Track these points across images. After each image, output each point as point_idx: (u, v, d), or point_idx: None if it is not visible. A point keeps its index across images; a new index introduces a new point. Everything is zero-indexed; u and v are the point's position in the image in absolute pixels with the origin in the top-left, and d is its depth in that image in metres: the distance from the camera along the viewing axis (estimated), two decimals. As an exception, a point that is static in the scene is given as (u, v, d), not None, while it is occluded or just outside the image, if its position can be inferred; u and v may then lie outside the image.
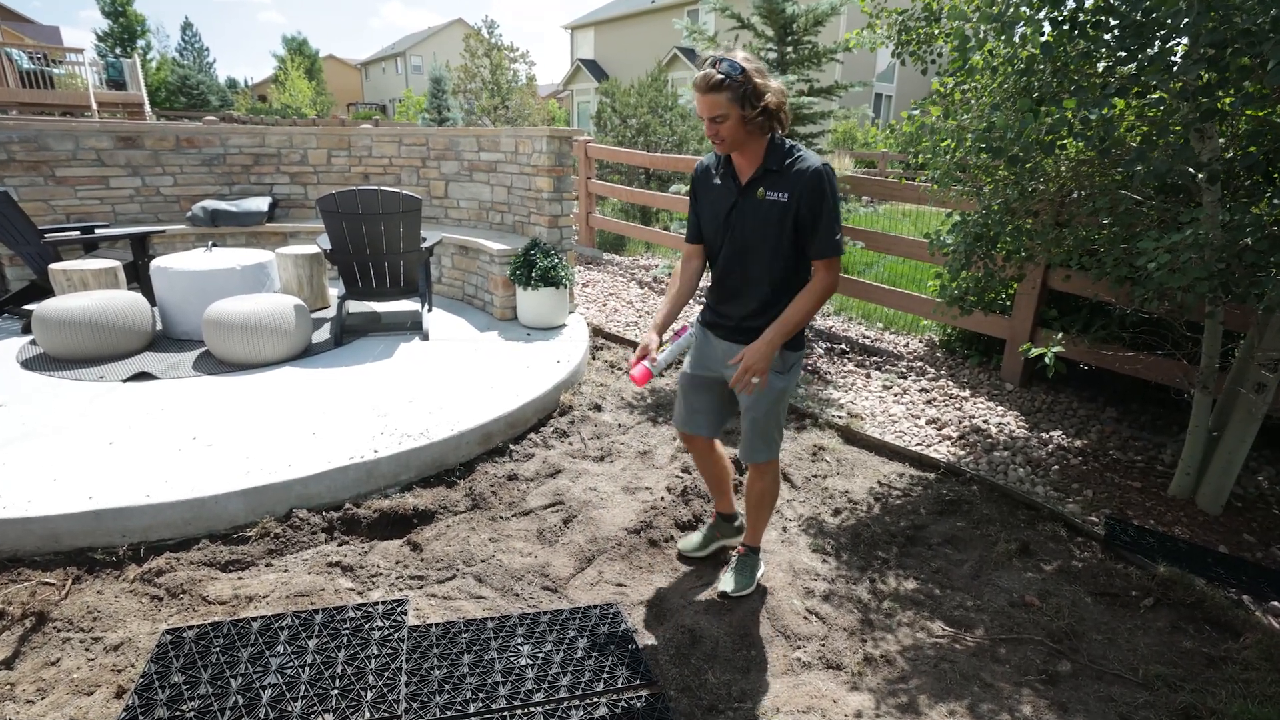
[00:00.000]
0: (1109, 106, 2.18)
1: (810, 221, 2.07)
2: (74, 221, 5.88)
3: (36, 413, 3.38)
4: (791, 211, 2.08)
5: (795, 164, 2.08)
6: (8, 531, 2.50)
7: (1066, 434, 3.75)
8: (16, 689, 1.99)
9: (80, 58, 19.04)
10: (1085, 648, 2.28)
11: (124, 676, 2.06)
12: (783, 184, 2.08)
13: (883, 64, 26.57)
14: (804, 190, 2.05)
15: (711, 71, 1.95)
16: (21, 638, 2.17)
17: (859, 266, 7.60)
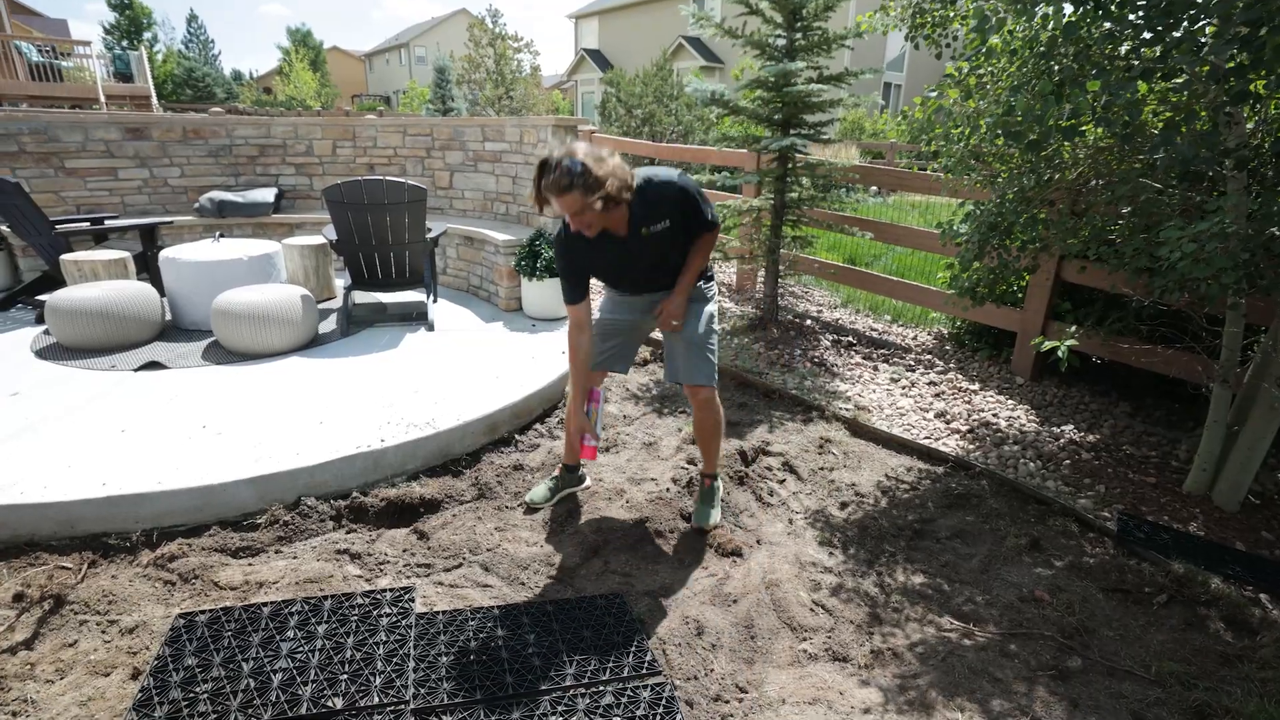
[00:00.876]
0: (1133, 90, 2.13)
1: (690, 219, 2.48)
2: (84, 213, 5.91)
3: (51, 401, 3.40)
4: (677, 226, 2.46)
5: (658, 196, 2.39)
6: (25, 516, 2.53)
7: (1078, 429, 3.72)
8: (36, 669, 2.02)
9: (88, 50, 19.06)
10: (1097, 644, 2.25)
11: (139, 659, 2.08)
12: (657, 216, 2.41)
13: (892, 52, 26.37)
14: (676, 209, 2.42)
15: (558, 176, 2.17)
16: (40, 619, 2.20)
17: (866, 258, 7.56)
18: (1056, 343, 2.91)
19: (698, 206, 2.46)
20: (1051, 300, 4.11)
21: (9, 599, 2.26)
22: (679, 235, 2.50)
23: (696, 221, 2.49)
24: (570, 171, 2.15)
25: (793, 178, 5.12)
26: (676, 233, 2.48)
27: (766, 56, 4.96)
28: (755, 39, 4.90)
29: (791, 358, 4.76)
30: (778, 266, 5.33)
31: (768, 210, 5.21)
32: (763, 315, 5.44)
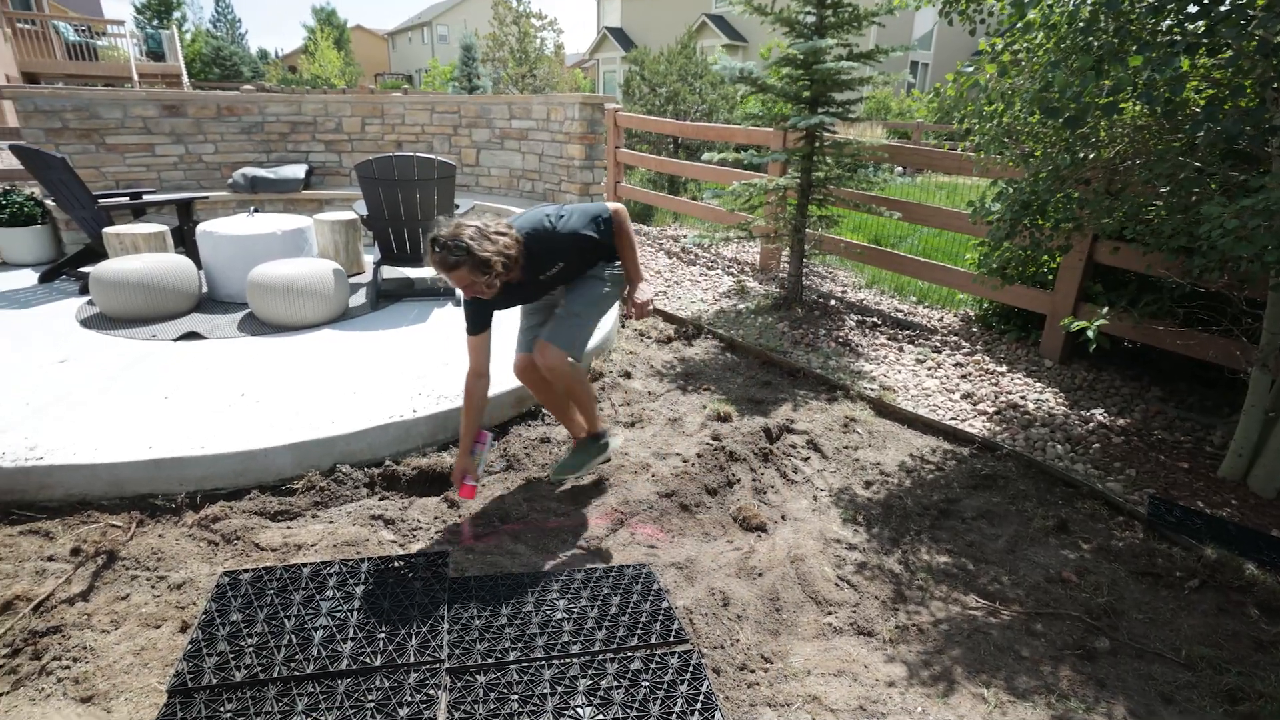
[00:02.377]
0: (1176, 65, 2.09)
1: (588, 249, 2.61)
2: (122, 188, 6.04)
3: (97, 368, 3.52)
4: (574, 259, 2.61)
5: (546, 250, 2.50)
6: (78, 477, 2.64)
7: (1108, 412, 3.69)
8: (93, 619, 2.12)
9: (121, 30, 19.33)
10: (1125, 626, 2.26)
11: (187, 613, 2.17)
12: (551, 263, 2.55)
13: (919, 29, 25.83)
14: (569, 253, 2.56)
15: (443, 254, 2.27)
16: (95, 573, 2.30)
17: (892, 239, 7.48)
18: (1086, 323, 2.87)
19: (591, 242, 2.56)
20: (1083, 282, 4.06)
21: (67, 552, 2.38)
22: (581, 259, 2.64)
23: (594, 246, 2.59)
24: (454, 251, 2.24)
25: (819, 156, 5.08)
26: (576, 260, 2.62)
27: (796, 34, 4.92)
28: (785, 16, 4.85)
29: (816, 337, 4.76)
30: (803, 246, 5.31)
31: (794, 189, 5.18)
32: (787, 295, 5.43)
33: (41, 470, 2.61)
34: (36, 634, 2.03)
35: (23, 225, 5.56)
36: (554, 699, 1.91)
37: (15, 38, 17.02)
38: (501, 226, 2.38)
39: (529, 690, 1.93)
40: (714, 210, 6.98)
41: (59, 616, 2.10)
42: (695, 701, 1.90)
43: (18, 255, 5.59)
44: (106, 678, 1.91)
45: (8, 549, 2.36)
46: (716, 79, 11.21)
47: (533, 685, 1.95)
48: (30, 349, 3.75)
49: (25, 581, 2.21)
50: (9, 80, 15.78)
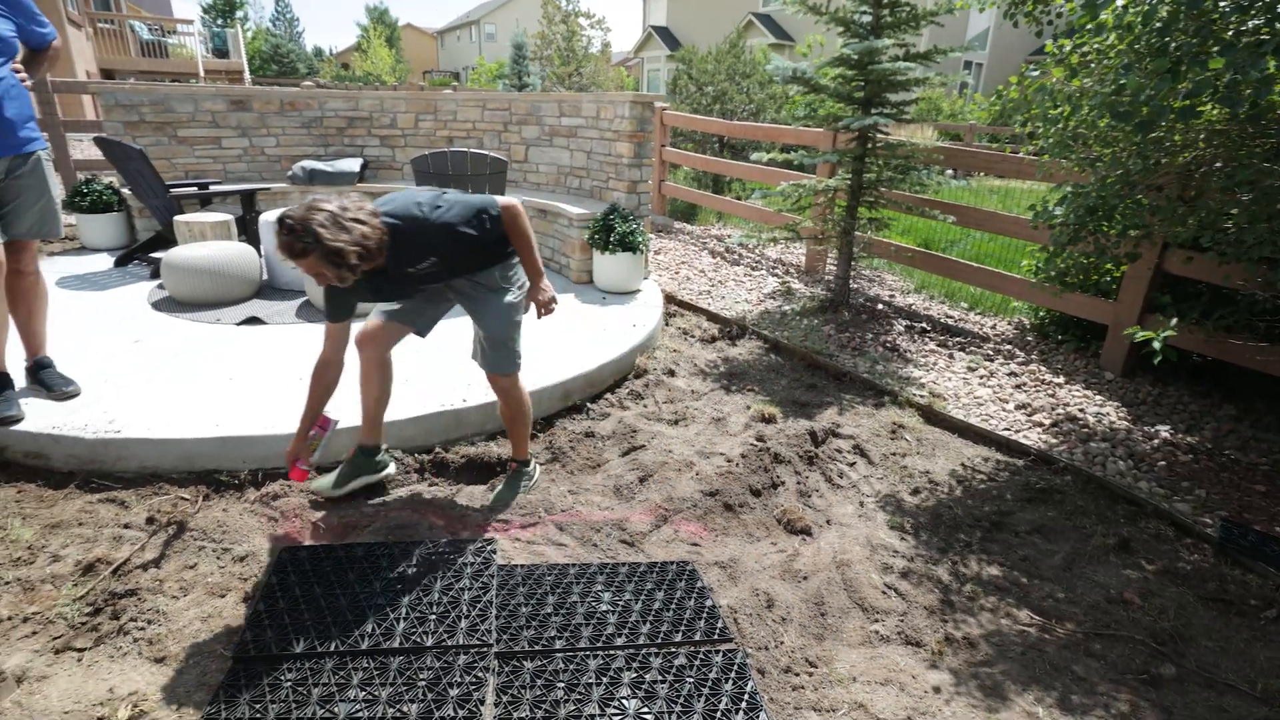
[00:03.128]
0: (1262, 67, 2.00)
1: (465, 248, 2.33)
2: (190, 178, 6.26)
3: (167, 348, 3.68)
4: (449, 257, 2.34)
5: (410, 243, 2.23)
6: (151, 450, 2.77)
7: (1175, 429, 3.54)
8: (164, 585, 2.21)
9: (190, 28, 20.17)
10: (1193, 653, 2.16)
11: (249, 584, 2.25)
12: (420, 257, 2.29)
13: (974, 30, 25.27)
14: (443, 246, 2.29)
15: (290, 239, 2.03)
16: (166, 542, 2.40)
17: (942, 243, 7.33)
18: (1152, 334, 2.75)
19: (469, 240, 2.30)
20: (1150, 292, 3.91)
21: (142, 521, 2.50)
22: (461, 258, 2.38)
23: (474, 245, 2.34)
24: (301, 237, 2.01)
25: (872, 158, 5.01)
26: (455, 257, 2.35)
27: (851, 34, 4.85)
28: (840, 15, 4.79)
29: (863, 341, 4.69)
30: (852, 249, 5.24)
31: (844, 190, 5.11)
32: (833, 297, 5.36)
33: (119, 443, 2.75)
34: (115, 595, 2.14)
35: (101, 212, 5.85)
36: (599, 689, 1.92)
37: (96, 36, 17.88)
38: (363, 212, 2.12)
39: (574, 679, 1.95)
40: (760, 210, 6.94)
41: (134, 580, 2.21)
42: (740, 700, 1.89)
43: (95, 240, 5.89)
44: (177, 640, 2.00)
45: (89, 515, 2.50)
46: (765, 78, 11.11)
47: (578, 674, 1.97)
48: (107, 329, 3.92)
49: (104, 546, 2.34)
50: (89, 76, 16.53)
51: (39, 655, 1.92)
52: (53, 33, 3.04)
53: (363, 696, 1.84)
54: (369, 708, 1.80)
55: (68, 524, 2.44)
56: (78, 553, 2.31)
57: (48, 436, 2.76)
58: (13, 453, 2.79)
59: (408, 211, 2.23)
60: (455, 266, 2.42)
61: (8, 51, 2.77)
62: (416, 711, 1.80)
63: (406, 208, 2.23)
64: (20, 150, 2.88)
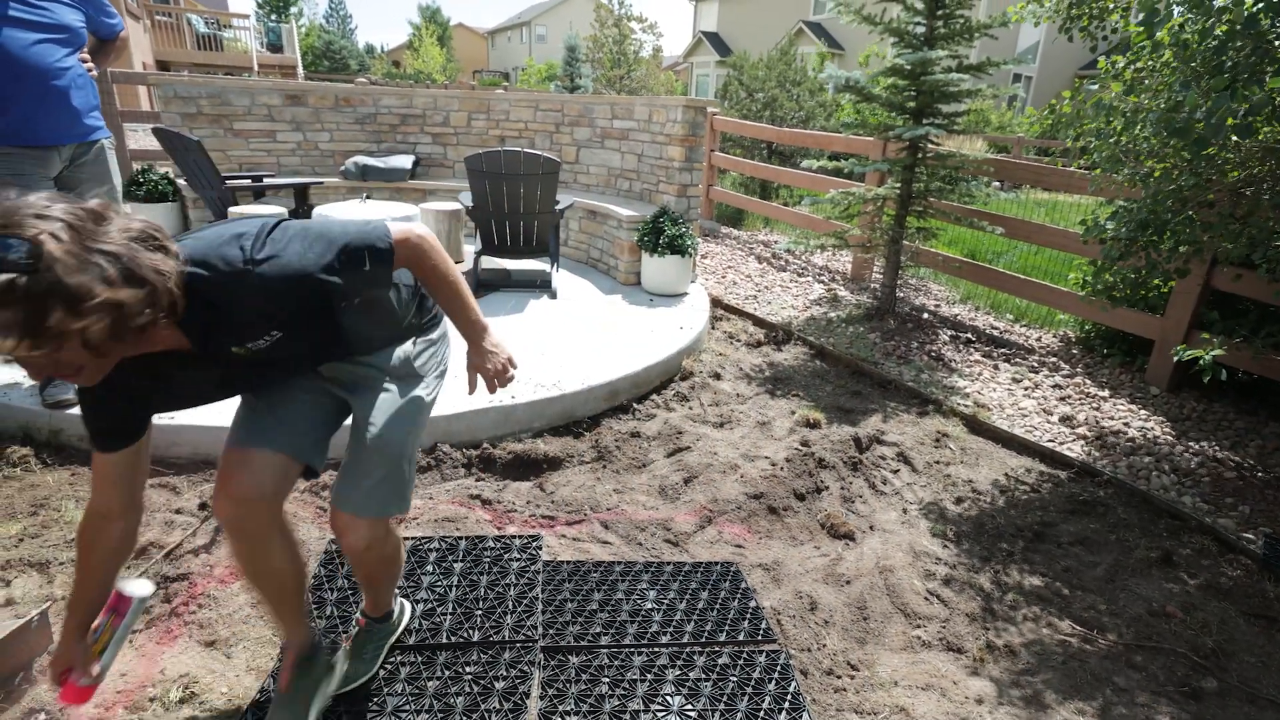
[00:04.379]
0: None
1: (325, 302, 1.32)
2: (244, 171, 6.47)
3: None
4: (303, 327, 1.35)
5: (244, 298, 1.23)
6: (203, 437, 2.86)
7: (1220, 445, 3.50)
8: (214, 570, 2.30)
9: (245, 23, 20.70)
10: (1235, 668, 2.17)
11: None
12: (254, 325, 1.28)
13: (1024, 43, 24.85)
14: (289, 308, 1.28)
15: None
16: (217, 529, 2.48)
17: (988, 255, 7.26)
18: (1200, 352, 2.73)
19: (329, 295, 1.30)
20: (1198, 308, 3.86)
21: (194, 507, 2.59)
22: (323, 327, 1.39)
23: (344, 306, 1.37)
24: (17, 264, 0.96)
25: (921, 168, 5.00)
26: (314, 326, 1.38)
27: (904, 44, 4.85)
28: (894, 26, 4.79)
29: (908, 350, 4.69)
30: (899, 257, 5.23)
31: (893, 199, 5.11)
32: (879, 305, 5.36)
33: (173, 429, 2.83)
34: (168, 579, 2.22)
35: (156, 202, 6.07)
36: (644, 685, 1.98)
37: (154, 28, 18.45)
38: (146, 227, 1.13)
39: (619, 674, 2.01)
40: (807, 217, 6.94)
41: (186, 565, 2.29)
42: (783, 700, 1.94)
43: None
44: (227, 625, 2.07)
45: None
46: (815, 86, 11.09)
47: (623, 670, 2.03)
48: None
49: (156, 530, 2.42)
50: (145, 67, 17.10)
51: None
52: (120, 24, 3.10)
53: (410, 690, 1.89)
54: (415, 700, 1.86)
55: (121, 509, 2.54)
56: None
57: (102, 421, 2.87)
58: (68, 436, 2.86)
59: (217, 252, 1.22)
60: (322, 343, 1.45)
61: (75, 42, 2.83)
62: (462, 705, 1.86)
63: (216, 246, 1.23)
64: (85, 138, 2.93)
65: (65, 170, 2.92)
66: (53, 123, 2.81)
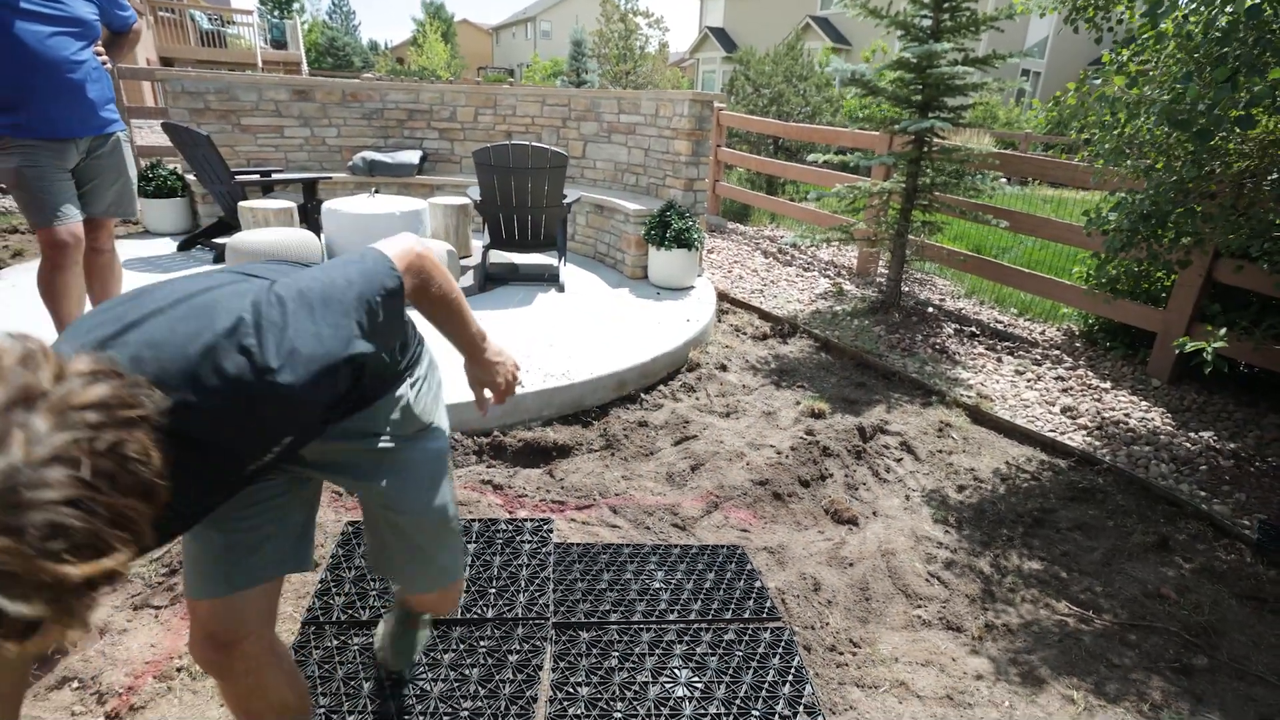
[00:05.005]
0: None
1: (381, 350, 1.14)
2: (252, 166, 6.53)
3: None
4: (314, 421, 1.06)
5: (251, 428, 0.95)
6: None
7: (1219, 436, 3.55)
8: None
9: (249, 19, 20.73)
10: (1226, 646, 2.23)
11: (317, 554, 2.38)
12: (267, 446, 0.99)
13: (1033, 37, 24.79)
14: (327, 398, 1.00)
15: None
16: None
17: (993, 249, 7.30)
18: (1202, 344, 2.79)
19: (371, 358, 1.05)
20: (1200, 300, 3.91)
21: None
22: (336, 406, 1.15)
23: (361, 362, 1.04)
24: None
25: (927, 162, 5.04)
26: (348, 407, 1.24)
27: (910, 37, 4.89)
28: (900, 19, 4.83)
29: (912, 342, 4.74)
30: (904, 251, 5.28)
31: (898, 193, 5.15)
32: (884, 299, 5.41)
33: None
34: None
35: (165, 197, 6.11)
36: (652, 659, 2.05)
37: (156, 24, 18.47)
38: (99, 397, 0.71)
39: (628, 649, 2.08)
40: (813, 212, 7.00)
41: None
42: (787, 674, 2.01)
43: (159, 224, 6.16)
44: None
45: None
46: (822, 81, 11.12)
47: (631, 645, 2.10)
48: None
49: None
50: (149, 63, 17.17)
51: (119, 611, 2.05)
52: (133, 16, 3.14)
53: (426, 661, 1.98)
54: (431, 670, 1.95)
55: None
56: None
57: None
58: None
59: (207, 365, 0.89)
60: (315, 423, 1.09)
61: (90, 35, 2.86)
62: (477, 675, 1.94)
63: (197, 356, 0.89)
64: (101, 131, 2.98)
65: (82, 162, 2.97)
66: (69, 115, 2.84)
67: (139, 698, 1.80)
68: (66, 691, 1.81)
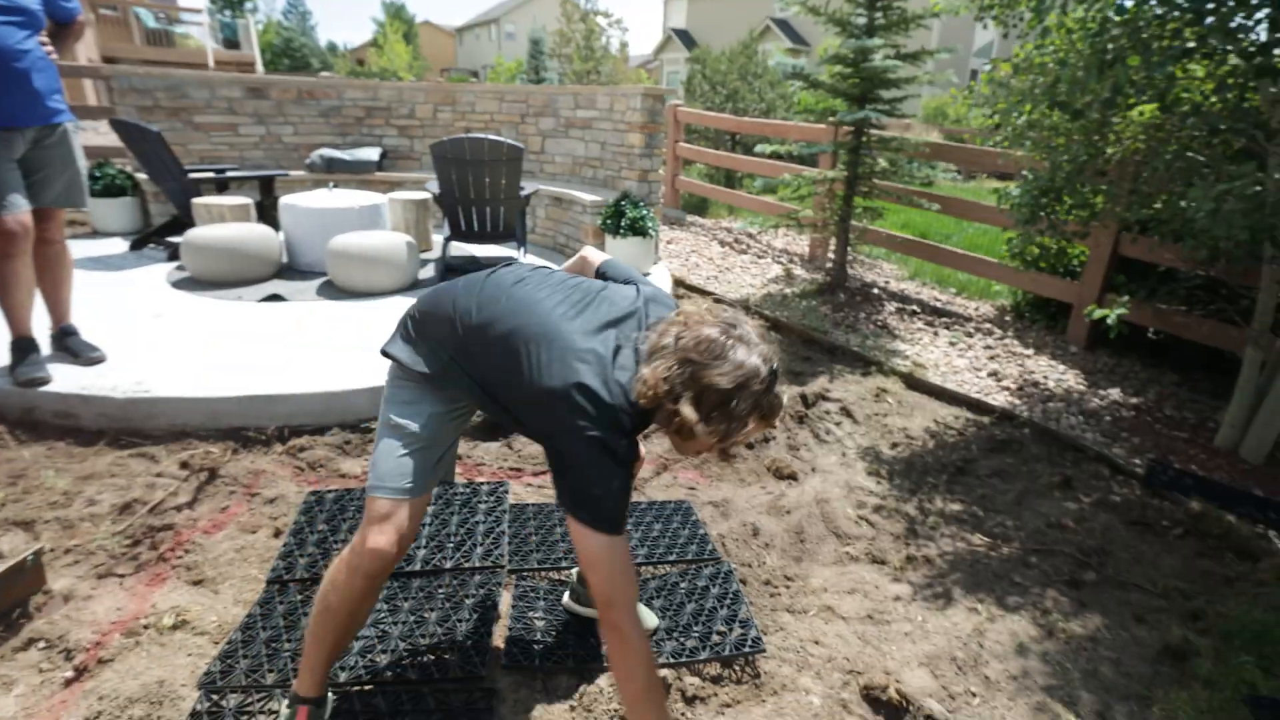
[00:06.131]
0: (1169, 71, 2.33)
1: None
2: (207, 164, 6.48)
3: (189, 321, 3.90)
4: None
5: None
6: (180, 408, 2.97)
7: (1124, 392, 3.91)
8: (198, 523, 2.47)
9: (199, 17, 20.02)
10: (1112, 563, 2.52)
11: (279, 522, 2.49)
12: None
13: (983, 39, 25.66)
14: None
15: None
16: (199, 487, 2.64)
17: (937, 237, 7.65)
18: (1107, 311, 3.10)
19: None
20: (1108, 273, 4.26)
21: (175, 468, 2.71)
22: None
23: None
24: None
25: (866, 151, 5.32)
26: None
27: (847, 34, 5.16)
28: (837, 16, 5.10)
29: (856, 320, 5.01)
30: (848, 235, 5.55)
31: (841, 181, 5.42)
32: (831, 281, 5.68)
33: (148, 401, 2.90)
34: (153, 529, 2.36)
35: (114, 196, 5.96)
36: (603, 594, 2.22)
37: (98, 22, 17.57)
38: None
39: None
40: (766, 203, 7.25)
41: (170, 518, 2.41)
42: (724, 600, 2.21)
43: (108, 224, 6.00)
44: (213, 567, 2.24)
45: (120, 467, 2.66)
46: (775, 78, 11.45)
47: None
48: (127, 306, 4.09)
49: (139, 490, 2.53)
50: (90, 63, 16.64)
51: (83, 580, 2.10)
52: (78, 7, 3.12)
53: (387, 608, 2.11)
54: (392, 614, 2.08)
55: (100, 475, 2.59)
56: (113, 497, 2.46)
57: (77, 397, 2.88)
58: (42, 413, 2.89)
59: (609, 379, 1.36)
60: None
61: (34, 24, 2.84)
62: (436, 618, 2.07)
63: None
64: (47, 121, 2.92)
65: (29, 152, 2.92)
66: (14, 104, 2.81)
67: (107, 652, 1.86)
68: (33, 651, 1.86)
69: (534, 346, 1.33)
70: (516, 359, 1.35)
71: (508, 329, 1.37)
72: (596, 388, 1.29)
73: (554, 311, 1.39)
